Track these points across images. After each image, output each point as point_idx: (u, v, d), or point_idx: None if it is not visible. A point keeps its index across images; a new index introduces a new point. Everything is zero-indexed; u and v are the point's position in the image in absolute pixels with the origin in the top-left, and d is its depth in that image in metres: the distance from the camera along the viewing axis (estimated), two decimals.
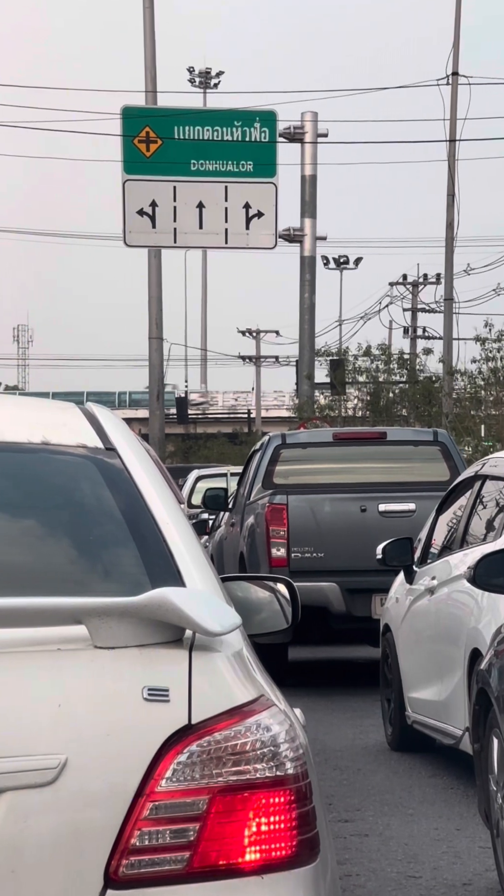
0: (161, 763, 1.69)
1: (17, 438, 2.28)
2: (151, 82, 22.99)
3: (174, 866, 1.68)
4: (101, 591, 1.92)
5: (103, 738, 1.68)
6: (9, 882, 1.63)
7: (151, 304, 23.89)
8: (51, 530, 2.16)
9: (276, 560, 9.32)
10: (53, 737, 1.66)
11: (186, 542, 2.06)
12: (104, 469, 2.22)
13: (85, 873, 1.65)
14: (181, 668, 1.74)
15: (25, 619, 1.72)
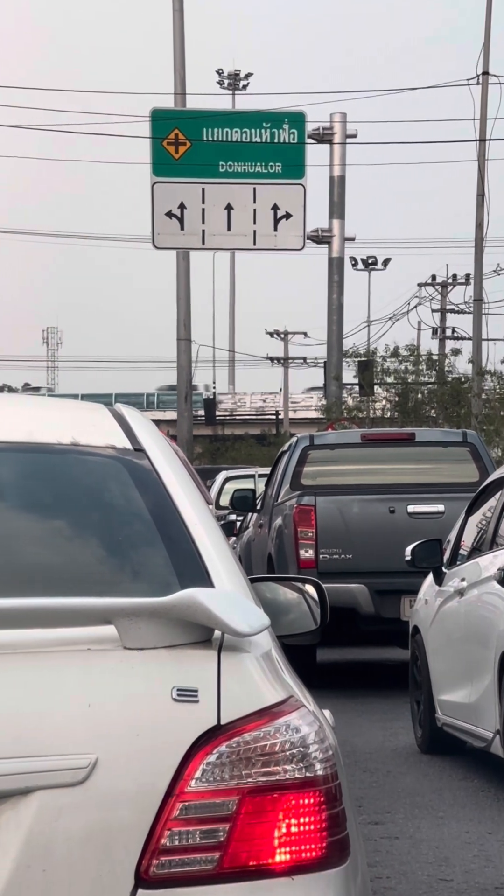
0: (190, 763, 1.69)
1: (47, 439, 2.29)
2: (180, 84, 23.06)
3: (204, 866, 1.68)
4: (130, 592, 1.92)
5: (133, 738, 1.68)
6: (40, 880, 1.64)
7: (180, 305, 23.95)
8: (80, 531, 2.16)
9: (304, 561, 9.32)
10: (83, 736, 1.67)
11: (215, 543, 2.06)
12: (133, 470, 2.22)
13: (116, 872, 1.66)
14: (210, 668, 1.74)
15: (55, 620, 1.73)
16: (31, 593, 1.83)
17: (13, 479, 2.25)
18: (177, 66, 23.17)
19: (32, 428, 2.33)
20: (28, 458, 2.25)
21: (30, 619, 1.72)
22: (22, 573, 2.01)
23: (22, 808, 1.64)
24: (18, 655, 1.71)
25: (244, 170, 21.35)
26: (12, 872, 1.63)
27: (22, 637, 1.72)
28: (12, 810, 1.64)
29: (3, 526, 2.14)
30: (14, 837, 1.64)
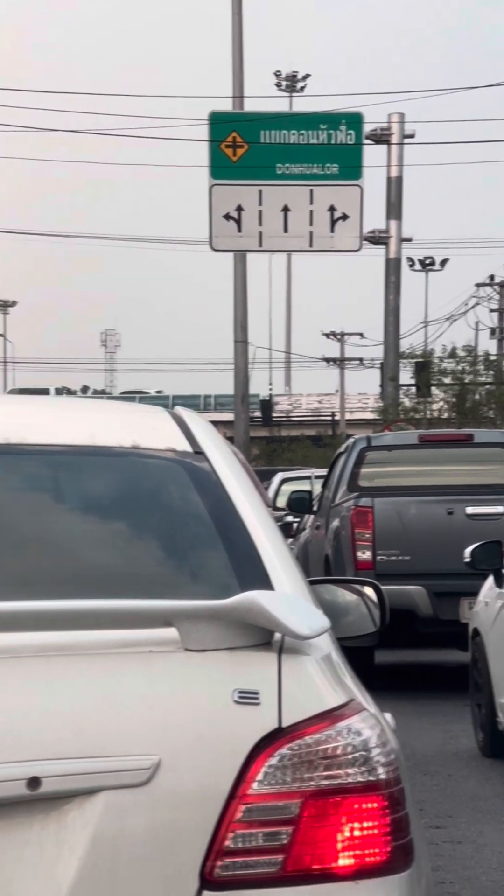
0: (252, 766, 1.70)
1: (108, 442, 2.31)
2: (239, 87, 23.12)
3: (268, 869, 1.69)
4: (190, 594, 1.93)
5: (195, 739, 1.69)
6: (107, 879, 1.65)
7: (237, 307, 24.00)
8: (141, 534, 2.18)
9: (361, 563, 9.29)
10: (146, 738, 1.68)
11: (274, 546, 2.07)
12: (193, 473, 2.23)
13: (181, 873, 1.66)
14: (271, 671, 1.75)
15: (118, 621, 1.74)
16: (93, 595, 1.85)
17: (75, 482, 2.27)
18: (235, 69, 23.24)
19: (94, 431, 2.35)
20: (90, 462, 2.28)
21: (92, 621, 1.73)
22: (84, 576, 2.03)
23: (88, 807, 1.66)
24: (81, 657, 1.73)
25: (301, 171, 21.35)
26: (80, 871, 1.65)
27: (85, 639, 1.73)
28: (78, 810, 1.66)
29: (66, 529, 2.17)
30: (81, 836, 1.65)
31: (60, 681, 1.70)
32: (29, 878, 1.65)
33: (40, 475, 2.27)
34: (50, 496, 2.26)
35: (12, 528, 2.13)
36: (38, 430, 2.33)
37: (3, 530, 2.12)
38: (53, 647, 1.72)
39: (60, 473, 2.27)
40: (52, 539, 2.12)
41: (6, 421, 2.39)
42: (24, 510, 2.19)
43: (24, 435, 2.29)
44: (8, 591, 1.91)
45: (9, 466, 2.24)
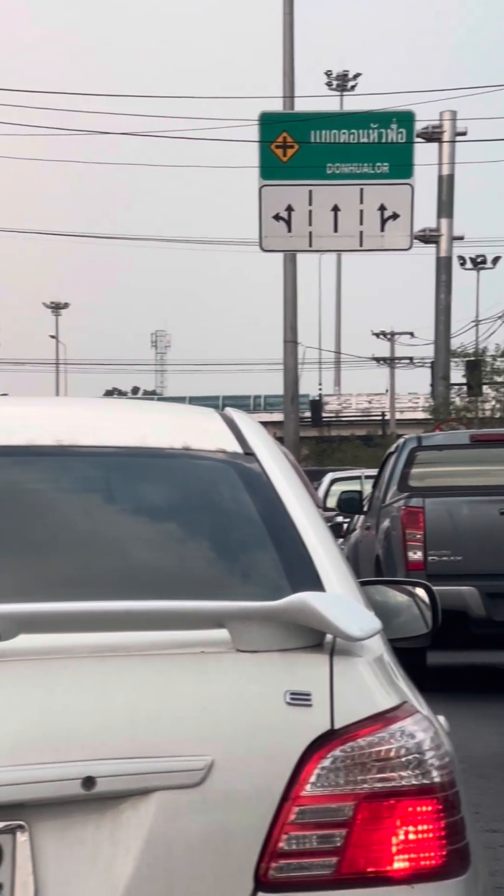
0: (305, 767, 1.69)
1: (159, 444, 2.32)
2: (289, 87, 23.13)
3: (322, 871, 1.68)
4: (241, 595, 1.93)
5: (248, 740, 1.69)
6: (162, 879, 1.66)
7: (286, 307, 24.00)
8: (192, 535, 2.18)
9: (412, 563, 9.24)
10: (199, 738, 1.68)
11: (325, 547, 2.06)
12: (243, 474, 2.24)
13: (235, 874, 1.67)
14: (322, 672, 1.74)
15: (169, 622, 1.75)
16: (146, 597, 1.86)
17: (127, 483, 2.28)
18: (286, 70, 23.25)
19: (145, 433, 2.36)
20: (140, 463, 2.29)
21: (145, 622, 1.74)
22: (137, 577, 2.04)
23: (142, 807, 1.66)
24: (133, 657, 1.74)
25: (351, 171, 21.29)
26: (135, 870, 1.65)
27: (138, 639, 1.74)
28: (133, 810, 1.67)
29: (118, 530, 2.18)
30: (135, 836, 1.66)
31: (114, 681, 1.71)
32: (85, 877, 1.66)
33: (92, 477, 2.29)
34: (102, 498, 2.28)
35: (65, 530, 2.15)
36: (90, 432, 2.35)
37: (56, 532, 2.13)
38: (107, 647, 1.73)
39: (112, 475, 2.29)
40: (104, 541, 2.13)
41: (58, 423, 2.40)
42: (76, 512, 2.20)
43: (76, 437, 2.31)
44: (63, 593, 1.92)
45: (61, 468, 2.26)
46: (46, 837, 1.66)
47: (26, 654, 1.71)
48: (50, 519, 2.17)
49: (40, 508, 2.19)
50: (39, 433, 2.30)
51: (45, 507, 2.20)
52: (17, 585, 2.00)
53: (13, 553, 2.08)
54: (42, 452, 2.25)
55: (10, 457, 2.24)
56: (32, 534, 2.12)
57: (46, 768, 1.64)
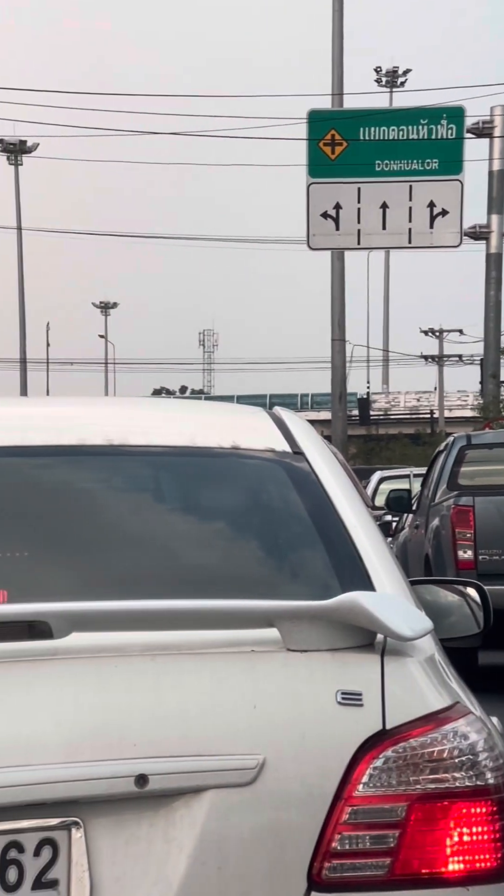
0: (357, 768, 1.69)
1: (208, 443, 2.32)
2: (338, 85, 23.07)
3: (376, 872, 1.68)
4: (291, 595, 1.93)
5: (299, 740, 1.69)
6: (215, 878, 1.66)
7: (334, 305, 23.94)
8: (241, 534, 2.19)
9: (462, 563, 9.17)
10: (250, 737, 1.69)
11: (375, 546, 2.06)
12: (292, 473, 2.24)
13: (288, 874, 1.67)
14: (374, 672, 1.74)
15: (220, 621, 1.76)
16: (196, 595, 1.87)
17: (177, 483, 2.29)
18: (335, 67, 23.20)
19: (194, 432, 2.37)
20: (190, 462, 2.29)
21: (195, 621, 1.75)
22: (186, 576, 2.04)
23: (195, 806, 1.67)
24: (184, 656, 1.74)
25: (400, 168, 21.18)
26: (189, 868, 1.66)
27: (187, 638, 1.75)
28: (185, 808, 1.67)
29: (168, 529, 2.19)
30: (189, 834, 1.67)
31: (166, 680, 1.72)
32: (139, 874, 1.66)
33: (143, 476, 2.30)
34: (152, 497, 2.29)
35: (116, 529, 2.16)
36: (140, 432, 2.36)
37: (108, 532, 2.15)
38: (158, 646, 1.73)
39: (162, 475, 2.30)
40: (155, 540, 2.14)
41: (108, 423, 2.42)
42: (127, 511, 2.22)
43: (127, 437, 2.32)
44: (114, 591, 1.93)
45: (112, 468, 2.27)
46: (101, 834, 1.67)
47: (79, 653, 1.72)
48: (101, 518, 2.18)
49: (91, 508, 2.20)
50: (90, 433, 2.31)
51: (96, 506, 2.21)
52: (70, 584, 2.02)
53: (65, 552, 2.09)
54: (93, 452, 2.26)
55: (61, 456, 2.26)
56: (84, 533, 2.13)
57: (100, 766, 1.65)
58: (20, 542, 2.10)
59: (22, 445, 2.25)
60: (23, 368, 41.35)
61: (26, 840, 1.65)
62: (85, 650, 1.72)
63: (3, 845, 1.65)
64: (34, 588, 1.99)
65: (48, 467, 2.24)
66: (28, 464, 2.24)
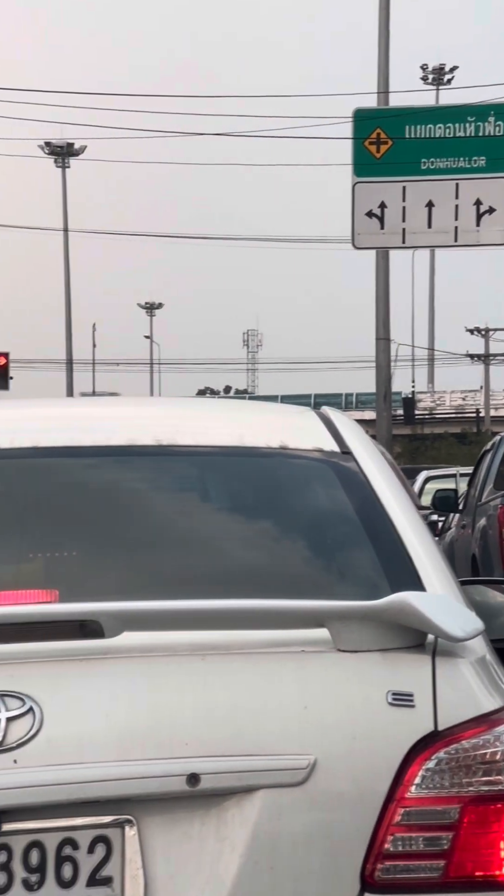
0: (409, 769, 1.69)
1: (257, 443, 2.32)
2: (384, 83, 22.99)
3: (430, 874, 1.68)
4: (340, 595, 1.93)
5: (350, 741, 1.69)
6: (268, 878, 1.66)
7: (378, 305, 23.84)
8: (290, 534, 2.19)
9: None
10: (302, 738, 1.69)
11: (424, 546, 2.05)
12: (340, 472, 2.23)
13: (341, 875, 1.67)
14: (425, 673, 1.73)
15: (270, 621, 1.76)
16: (246, 595, 1.87)
17: (225, 483, 2.30)
18: (381, 65, 23.11)
19: (242, 432, 2.37)
20: (239, 462, 2.30)
21: (245, 621, 1.75)
22: (236, 575, 2.04)
23: (246, 805, 1.68)
24: (234, 656, 1.74)
25: (447, 166, 21.05)
26: (241, 867, 1.67)
27: (238, 638, 1.75)
28: (237, 807, 1.68)
29: (217, 529, 2.19)
30: (240, 834, 1.67)
31: (216, 679, 1.72)
32: (192, 873, 1.67)
33: (191, 476, 2.30)
34: (201, 497, 2.29)
35: (166, 529, 2.17)
36: (189, 432, 2.37)
37: (158, 531, 2.16)
38: (208, 645, 1.74)
39: (210, 474, 2.30)
40: (204, 540, 2.15)
41: (157, 423, 2.43)
42: (177, 511, 2.23)
43: (175, 437, 2.33)
44: (165, 591, 1.94)
45: (161, 468, 2.28)
46: (154, 833, 1.68)
47: (130, 652, 1.72)
48: (151, 518, 2.19)
49: (141, 508, 2.21)
50: (139, 433, 2.33)
51: (146, 506, 2.22)
52: (120, 584, 2.03)
53: (116, 552, 2.10)
54: (142, 452, 2.27)
55: (111, 457, 2.27)
56: (134, 533, 2.14)
57: (152, 764, 1.66)
58: (71, 542, 2.12)
59: (72, 446, 2.27)
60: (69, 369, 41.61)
61: (80, 837, 1.66)
62: (136, 649, 1.72)
63: (58, 842, 1.66)
64: (85, 588, 2.00)
65: (98, 468, 2.26)
66: (78, 464, 2.25)
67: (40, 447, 2.26)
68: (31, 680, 1.69)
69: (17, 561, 2.09)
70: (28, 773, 1.63)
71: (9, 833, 1.65)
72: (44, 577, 2.05)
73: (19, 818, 1.65)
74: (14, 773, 1.63)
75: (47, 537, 2.13)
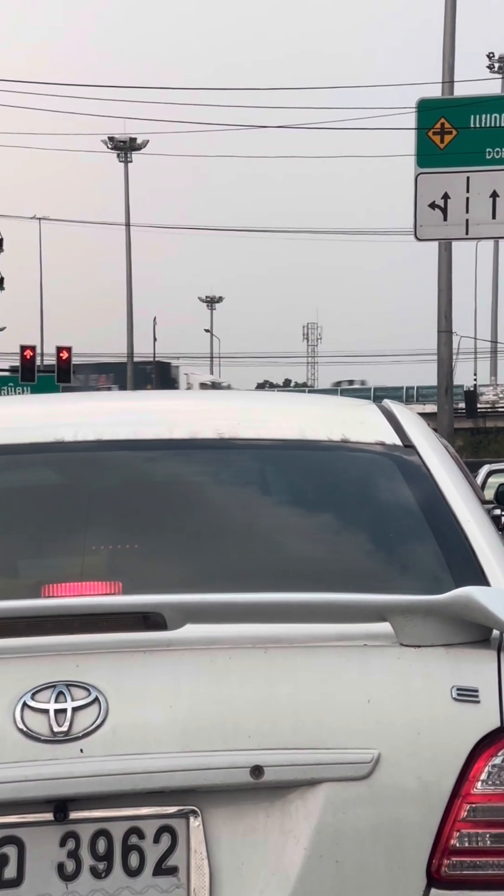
0: (475, 765, 1.67)
1: (318, 437, 2.32)
2: (449, 73, 22.79)
3: (497, 871, 1.66)
4: (403, 589, 1.92)
5: (414, 735, 1.68)
6: (333, 871, 1.66)
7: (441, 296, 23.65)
8: (353, 527, 2.18)
9: None
10: (365, 732, 1.68)
11: (489, 540, 2.03)
12: (403, 466, 2.22)
13: (407, 870, 1.66)
14: (490, 668, 1.72)
15: (332, 615, 1.75)
16: (308, 589, 1.87)
17: (287, 476, 2.29)
18: (446, 55, 22.91)
19: (304, 426, 2.37)
20: (301, 456, 2.29)
21: (308, 614, 1.75)
22: (298, 569, 2.04)
23: (310, 798, 1.67)
24: (297, 649, 1.74)
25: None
26: (306, 860, 1.67)
27: (299, 631, 1.75)
28: (301, 800, 1.68)
29: (279, 522, 2.19)
30: (304, 827, 1.67)
31: (279, 672, 1.72)
32: (258, 865, 1.68)
33: (253, 470, 2.31)
34: (263, 491, 2.29)
35: (228, 523, 2.17)
36: (250, 425, 2.37)
37: (220, 524, 2.16)
38: (271, 638, 1.74)
39: (273, 468, 2.30)
40: (267, 533, 2.15)
41: (218, 416, 2.43)
42: (239, 504, 2.23)
43: (237, 430, 2.33)
44: (227, 584, 1.95)
45: (223, 461, 2.28)
46: (218, 824, 1.68)
47: (193, 644, 1.73)
48: (213, 511, 2.19)
49: (204, 501, 2.22)
50: (201, 427, 2.33)
51: (208, 499, 2.22)
52: (183, 576, 2.04)
53: (178, 545, 2.11)
54: (204, 446, 2.28)
55: (173, 450, 2.28)
56: (196, 526, 2.15)
57: (216, 756, 1.66)
58: (134, 534, 2.13)
59: (134, 439, 2.28)
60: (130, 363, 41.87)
61: (146, 827, 1.68)
62: (198, 642, 1.73)
63: (124, 831, 1.67)
64: (149, 580, 2.01)
65: (160, 461, 2.27)
66: (140, 457, 2.26)
67: (104, 440, 2.27)
68: (97, 671, 1.71)
69: (81, 553, 2.10)
70: (94, 762, 1.65)
71: (76, 821, 1.67)
72: (108, 569, 2.07)
73: (86, 807, 1.66)
74: (80, 762, 1.65)
75: (111, 530, 2.14)
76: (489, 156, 20.78)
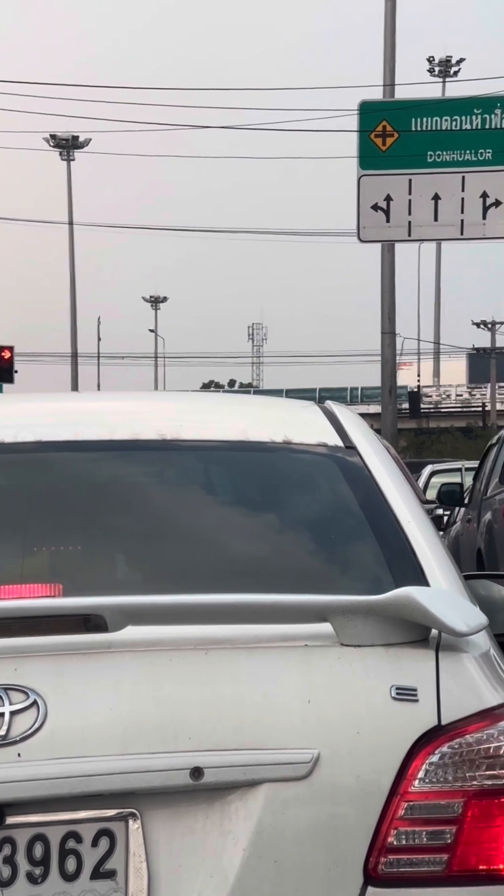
0: (413, 763, 1.69)
1: (260, 438, 2.32)
2: (390, 75, 22.96)
3: (433, 868, 1.68)
4: (344, 589, 1.93)
5: (353, 735, 1.69)
6: (272, 871, 1.67)
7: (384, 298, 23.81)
8: (294, 529, 2.19)
9: None
10: (305, 732, 1.69)
11: (429, 541, 2.05)
12: (344, 467, 2.23)
13: (344, 868, 1.67)
14: (428, 667, 1.73)
15: (273, 616, 1.76)
16: (248, 590, 1.87)
17: (229, 477, 2.30)
18: (387, 58, 23.08)
19: (246, 427, 2.37)
20: (243, 457, 2.30)
21: (249, 615, 1.75)
22: (239, 570, 2.05)
23: (250, 799, 1.68)
24: (237, 650, 1.75)
25: (453, 158, 21.01)
26: (245, 861, 1.67)
27: (240, 632, 1.75)
28: (240, 801, 1.68)
29: (221, 524, 2.20)
30: (244, 827, 1.67)
31: (220, 673, 1.72)
32: (196, 866, 1.68)
33: (195, 471, 2.30)
34: (205, 492, 2.29)
35: (169, 524, 2.17)
36: (192, 427, 2.37)
37: (161, 526, 2.16)
38: (212, 640, 1.74)
39: (215, 469, 2.30)
40: (208, 534, 2.15)
41: (161, 417, 2.43)
42: (180, 506, 2.23)
43: (179, 431, 2.33)
44: (169, 586, 1.94)
45: (165, 462, 2.28)
46: (157, 826, 1.68)
47: (134, 646, 1.73)
48: (154, 513, 2.19)
49: (145, 502, 2.21)
50: (143, 428, 2.33)
51: (149, 501, 2.22)
52: (124, 578, 2.03)
53: (120, 546, 2.11)
54: (146, 447, 2.27)
55: (114, 451, 2.27)
56: (138, 527, 2.15)
57: (156, 758, 1.66)
58: (75, 536, 2.12)
59: (75, 440, 2.27)
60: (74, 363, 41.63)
61: (84, 830, 1.67)
62: (139, 644, 1.73)
63: (62, 836, 1.67)
64: (89, 582, 2.01)
65: (102, 462, 2.26)
66: (82, 459, 2.25)
67: (44, 441, 2.26)
68: (35, 674, 1.70)
69: (21, 555, 2.09)
70: (32, 766, 1.64)
71: (13, 826, 1.65)
72: (48, 571, 2.06)
73: (23, 811, 1.65)
74: (18, 766, 1.64)
75: (51, 532, 2.13)
76: (430, 159, 20.96)
